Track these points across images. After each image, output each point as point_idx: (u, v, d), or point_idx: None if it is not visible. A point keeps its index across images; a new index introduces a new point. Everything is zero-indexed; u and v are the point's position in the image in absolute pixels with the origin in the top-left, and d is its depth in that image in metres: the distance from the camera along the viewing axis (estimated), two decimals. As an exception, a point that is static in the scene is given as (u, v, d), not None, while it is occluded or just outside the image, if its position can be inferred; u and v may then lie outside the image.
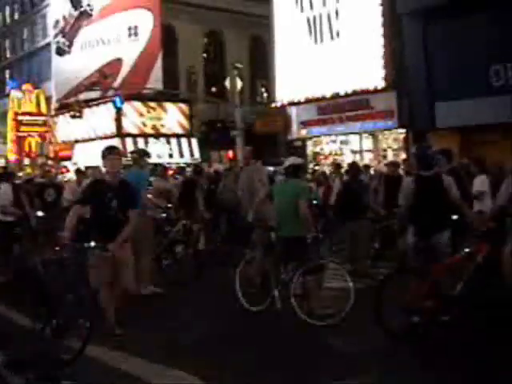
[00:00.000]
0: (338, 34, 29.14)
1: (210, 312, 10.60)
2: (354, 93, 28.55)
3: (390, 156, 29.65)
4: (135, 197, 9.53)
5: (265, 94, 50.97)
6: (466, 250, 8.99)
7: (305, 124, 32.04)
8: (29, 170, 41.56)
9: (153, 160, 22.94)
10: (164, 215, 13.85)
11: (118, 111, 39.66)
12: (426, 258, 9.00)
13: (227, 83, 32.17)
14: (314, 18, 30.07)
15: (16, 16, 61.89)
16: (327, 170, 26.81)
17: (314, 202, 10.98)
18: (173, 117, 43.98)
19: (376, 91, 27.82)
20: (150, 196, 12.95)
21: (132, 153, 13.75)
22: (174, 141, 43.45)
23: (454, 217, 9.35)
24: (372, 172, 22.16)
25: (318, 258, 9.89)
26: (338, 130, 30.75)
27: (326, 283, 10.37)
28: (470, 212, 9.73)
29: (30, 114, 50.35)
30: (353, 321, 9.10)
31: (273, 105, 33.56)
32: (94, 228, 8.99)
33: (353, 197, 13.17)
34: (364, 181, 14.42)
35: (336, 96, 29.31)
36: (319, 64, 29.39)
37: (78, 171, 19.74)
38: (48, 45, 50.38)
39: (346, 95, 28.94)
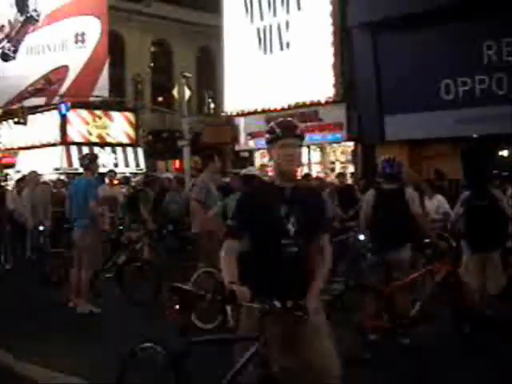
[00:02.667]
0: (287, 45, 29.03)
1: (155, 329, 10.12)
2: (303, 104, 28.45)
3: (338, 169, 29.59)
4: (326, 212, 5.77)
5: (212, 105, 50.65)
6: (425, 268, 8.83)
7: (253, 135, 31.80)
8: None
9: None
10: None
11: (63, 119, 38.95)
12: (382, 274, 8.76)
13: (175, 92, 31.72)
14: (264, 29, 29.91)
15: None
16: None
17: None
18: (119, 126, 43.40)
19: (325, 103, 27.76)
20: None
21: (82, 158, 12.67)
22: (119, 150, 42.88)
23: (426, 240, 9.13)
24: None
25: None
26: (286, 141, 30.53)
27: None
28: (431, 230, 9.48)
29: (-29, 120, 49.14)
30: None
31: (221, 115, 33.36)
32: (258, 272, 5.02)
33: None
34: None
35: (284, 108, 29.17)
36: (268, 75, 29.23)
37: (18, 181, 19.14)
38: (-8, 50, 49.30)
39: (295, 107, 28.82)
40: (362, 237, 11.90)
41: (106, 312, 11.26)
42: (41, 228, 15.34)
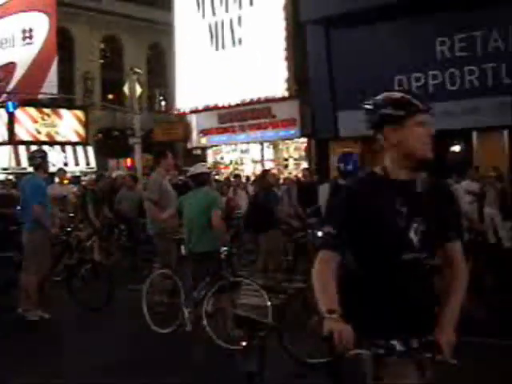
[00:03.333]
0: (240, 41, 28.73)
1: (112, 335, 9.73)
2: (256, 101, 28.18)
3: (292, 166, 29.44)
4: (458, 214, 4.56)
5: (163, 103, 50.14)
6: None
7: (205, 132, 31.50)
8: None
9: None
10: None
11: (11, 117, 38.15)
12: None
13: (126, 88, 31.25)
14: (216, 25, 29.56)
15: None
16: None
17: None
18: (68, 124, 42.76)
19: (278, 100, 27.53)
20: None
21: (33, 157, 11.50)
22: (69, 149, 42.23)
23: None
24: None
25: (232, 275, 9.15)
26: (239, 138, 30.36)
27: (239, 300, 9.65)
28: None
29: None
30: (270, 341, 8.44)
31: (173, 112, 33.00)
32: (366, 301, 3.61)
33: (263, 208, 12.55)
34: (275, 191, 13.83)
35: (237, 104, 28.89)
36: (220, 71, 28.91)
37: None
38: None
39: (248, 103, 28.54)
40: (320, 233, 11.60)
41: (56, 318, 10.77)
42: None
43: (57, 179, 17.85)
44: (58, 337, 10.02)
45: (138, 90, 30.75)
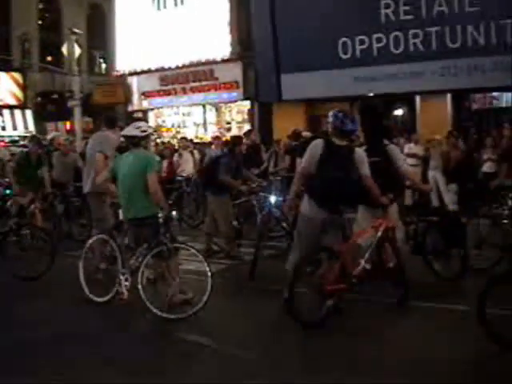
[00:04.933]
0: (182, 1, 28.25)
1: (46, 305, 9.30)
2: (198, 63, 27.78)
3: (234, 129, 29.14)
4: None
5: (103, 65, 49.28)
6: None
7: (146, 95, 31.01)
8: None
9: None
10: None
11: None
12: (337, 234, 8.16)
13: (64, 49, 30.43)
14: (158, -17, 29.06)
15: None
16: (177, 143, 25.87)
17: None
18: (5, 86, 41.75)
19: (221, 62, 27.16)
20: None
21: None
22: (6, 112, 41.30)
23: None
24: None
25: (171, 240, 8.77)
26: (181, 101, 29.95)
27: (179, 266, 9.27)
28: (377, 191, 8.70)
29: None
30: (212, 308, 8.18)
31: (113, 74, 32.40)
32: None
33: (212, 171, 12.22)
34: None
35: (179, 66, 28.49)
36: (162, 32, 28.50)
37: None
38: None
39: (190, 65, 28.13)
40: (273, 199, 11.39)
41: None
42: None
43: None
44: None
45: (77, 51, 29.99)
